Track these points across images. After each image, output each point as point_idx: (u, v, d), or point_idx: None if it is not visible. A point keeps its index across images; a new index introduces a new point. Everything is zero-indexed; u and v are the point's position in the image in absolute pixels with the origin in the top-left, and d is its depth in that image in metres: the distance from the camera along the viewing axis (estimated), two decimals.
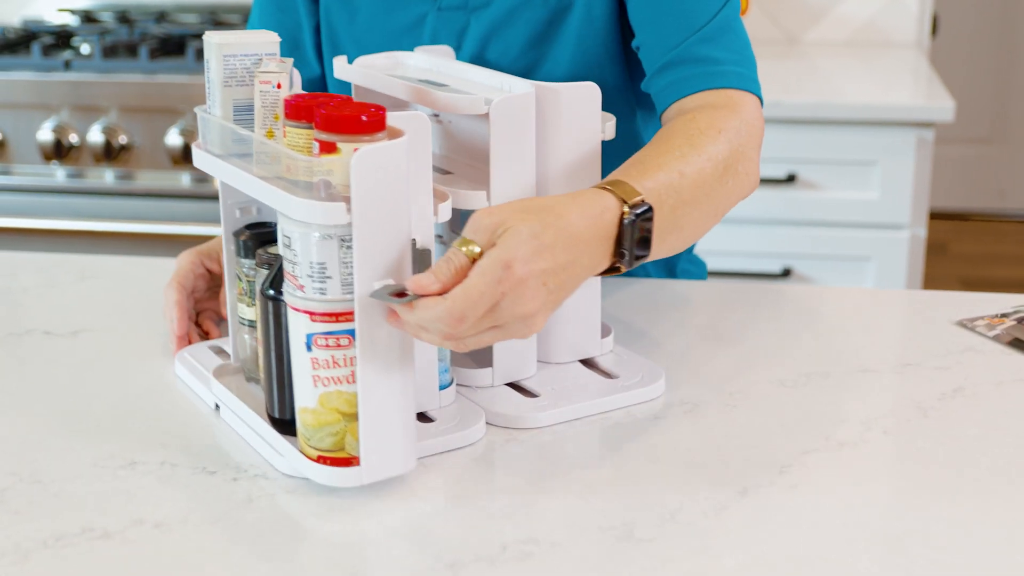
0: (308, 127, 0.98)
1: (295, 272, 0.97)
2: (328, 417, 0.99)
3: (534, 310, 0.96)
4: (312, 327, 0.97)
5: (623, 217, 1.04)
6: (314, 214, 0.94)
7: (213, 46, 1.09)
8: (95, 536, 0.95)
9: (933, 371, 1.23)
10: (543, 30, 1.35)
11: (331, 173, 0.95)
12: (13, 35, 2.73)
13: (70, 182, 2.51)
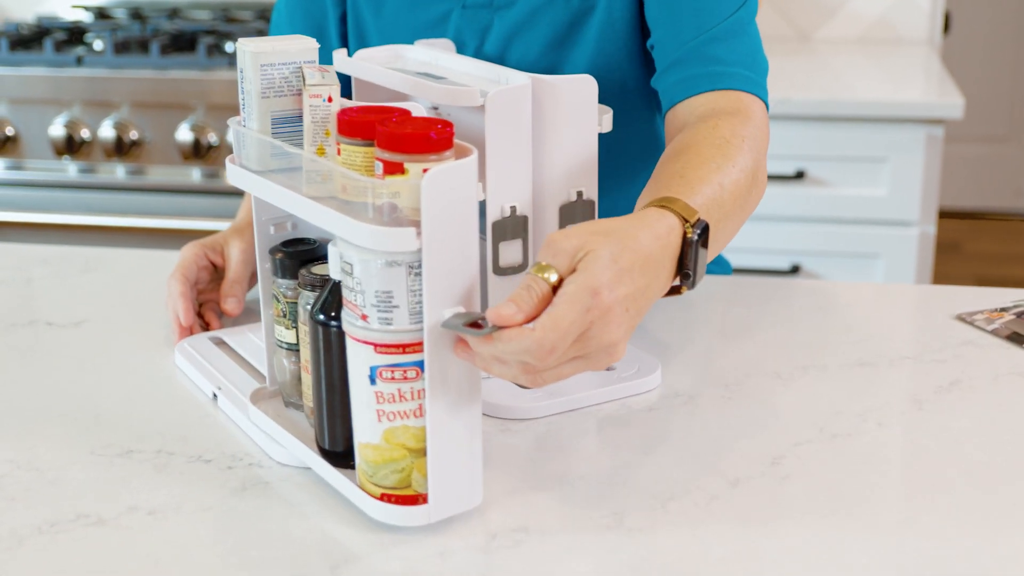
0: (365, 144, 0.92)
1: (357, 301, 0.90)
2: (393, 453, 0.93)
3: (619, 338, 0.92)
4: (376, 359, 0.91)
5: (686, 236, 1.01)
6: (382, 241, 0.87)
7: (248, 55, 1.01)
8: (89, 523, 0.96)
9: (930, 364, 1.23)
10: (565, 31, 1.37)
11: (397, 196, 0.88)
12: (27, 31, 2.74)
13: (82, 177, 2.52)
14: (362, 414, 0.93)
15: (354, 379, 0.93)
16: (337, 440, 1.00)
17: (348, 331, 0.92)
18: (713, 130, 1.17)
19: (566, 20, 1.36)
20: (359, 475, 0.96)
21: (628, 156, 1.44)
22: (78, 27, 2.81)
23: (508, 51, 1.38)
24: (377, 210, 0.88)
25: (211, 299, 1.33)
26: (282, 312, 1.07)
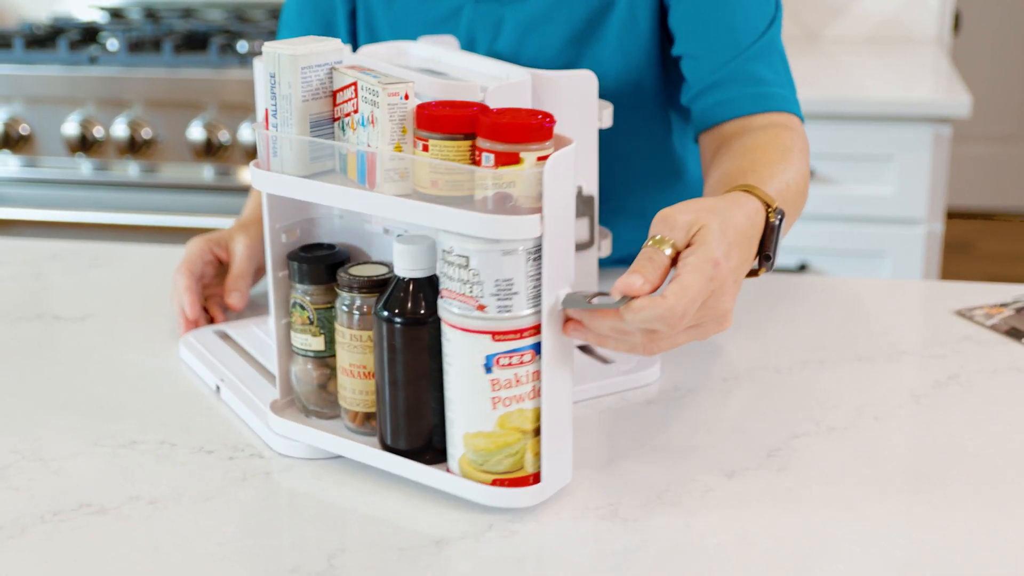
0: (463, 138, 0.93)
1: (473, 292, 0.91)
2: (508, 438, 0.95)
3: (730, 307, 0.97)
4: (494, 347, 0.92)
5: (769, 220, 1.06)
6: (507, 230, 0.89)
7: (286, 58, 0.98)
8: (91, 512, 0.98)
9: (928, 359, 1.24)
10: (583, 28, 1.36)
11: (513, 185, 0.90)
12: (41, 31, 2.77)
13: (95, 175, 2.54)
14: (473, 404, 0.95)
15: (462, 370, 0.94)
16: (416, 437, 1.00)
17: (459, 323, 0.93)
18: (775, 138, 1.22)
19: (584, 17, 1.35)
20: (463, 465, 0.97)
21: (640, 157, 1.44)
22: (92, 27, 2.83)
23: (522, 47, 1.38)
24: (493, 200, 0.91)
25: (216, 293, 1.34)
26: (308, 320, 1.05)
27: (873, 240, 2.48)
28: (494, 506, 0.97)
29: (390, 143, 0.97)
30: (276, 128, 1.01)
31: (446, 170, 0.93)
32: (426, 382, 0.98)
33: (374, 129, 0.97)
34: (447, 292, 0.94)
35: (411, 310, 0.97)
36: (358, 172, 1.00)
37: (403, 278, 0.97)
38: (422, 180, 0.94)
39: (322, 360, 1.07)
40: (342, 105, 1.02)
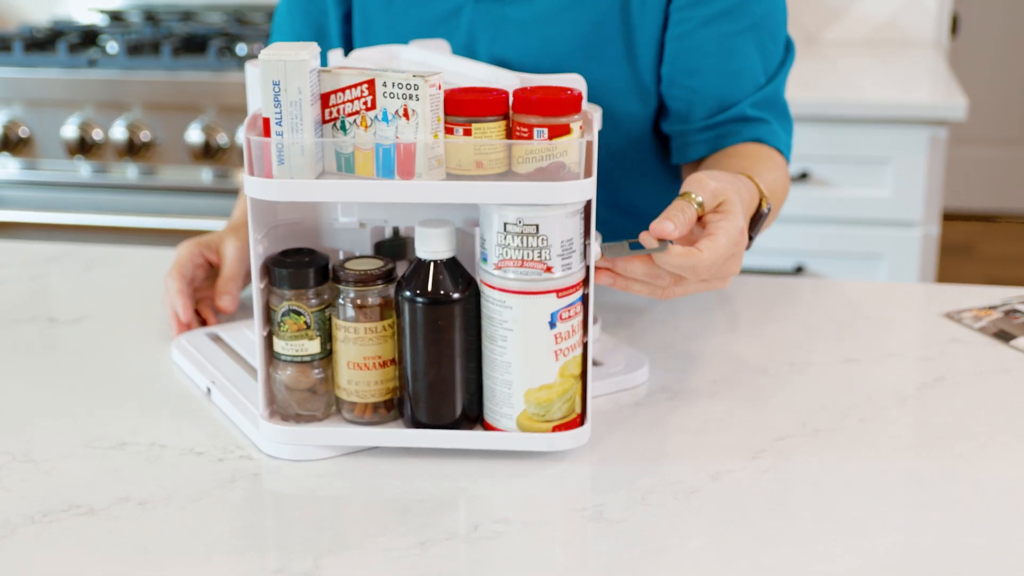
0: (499, 119, 1.01)
1: (542, 256, 1.01)
2: (565, 385, 1.05)
3: (734, 270, 1.12)
4: (557, 304, 1.03)
5: (761, 206, 1.20)
6: (579, 193, 0.99)
7: (293, 64, 0.99)
8: (80, 512, 0.98)
9: (916, 361, 1.24)
10: (589, 32, 1.35)
11: (566, 153, 1.00)
12: (41, 34, 2.78)
13: (94, 177, 2.55)
14: (537, 360, 1.03)
15: (525, 331, 1.03)
16: (455, 408, 1.06)
17: (523, 288, 1.02)
18: (762, 149, 1.35)
19: (592, 21, 1.35)
20: (522, 421, 1.05)
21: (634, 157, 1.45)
22: (92, 30, 2.84)
23: (524, 49, 1.37)
24: (549, 170, 1.00)
25: (207, 296, 1.35)
26: (305, 324, 1.06)
27: (869, 242, 2.49)
28: (558, 450, 1.06)
29: (430, 133, 1.00)
30: (281, 135, 1.01)
31: (491, 149, 1.01)
32: (464, 355, 1.05)
33: (408, 122, 1.01)
34: (508, 263, 1.01)
35: (452, 288, 1.03)
36: (381, 166, 1.02)
37: (434, 260, 1.04)
38: (464, 162, 1.01)
39: (316, 363, 1.08)
40: (342, 105, 1.03)
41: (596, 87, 1.37)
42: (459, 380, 1.06)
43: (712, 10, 1.33)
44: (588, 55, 1.36)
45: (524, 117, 1.01)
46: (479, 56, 1.39)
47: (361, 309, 1.06)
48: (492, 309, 1.04)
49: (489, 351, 1.05)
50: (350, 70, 1.02)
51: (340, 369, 1.08)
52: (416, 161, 1.01)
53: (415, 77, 1.00)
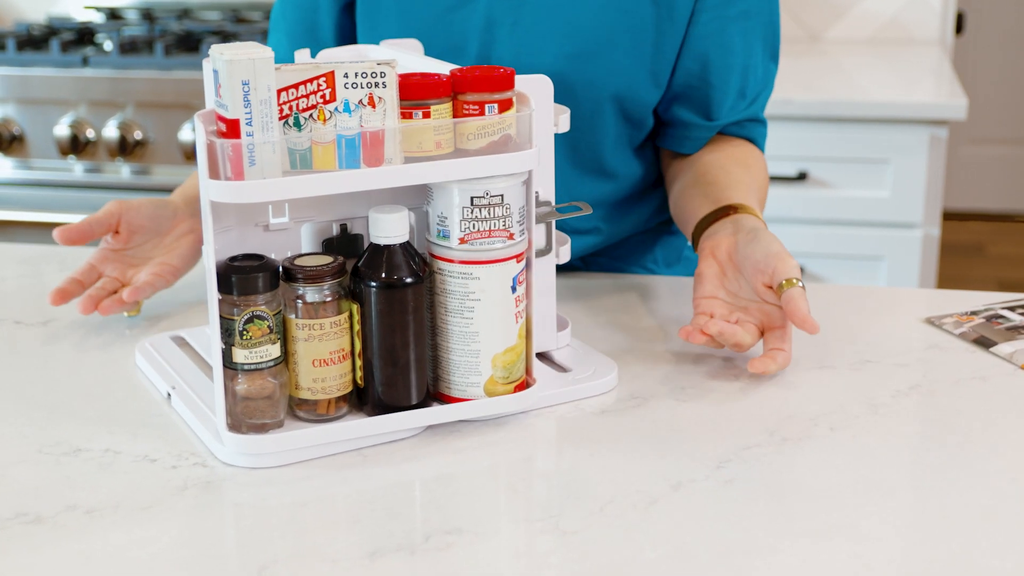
0: (450, 99, 1.05)
1: (505, 224, 1.06)
2: (522, 347, 1.11)
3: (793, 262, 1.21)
4: (516, 268, 1.08)
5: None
6: (532, 162, 1.06)
7: (261, 63, 0.98)
8: (27, 520, 0.97)
9: (892, 368, 1.22)
10: (616, 19, 1.34)
11: (511, 126, 1.06)
12: (37, 32, 2.77)
13: (87, 177, 2.54)
14: (502, 325, 1.08)
15: (493, 299, 1.07)
16: (424, 387, 1.09)
17: (491, 257, 1.06)
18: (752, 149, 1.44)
19: (620, 7, 1.34)
20: (489, 387, 1.09)
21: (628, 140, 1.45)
22: (87, 28, 2.83)
23: (548, 35, 1.35)
24: (499, 143, 1.05)
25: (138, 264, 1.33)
26: (269, 328, 1.04)
27: (870, 244, 2.46)
28: (523, 410, 1.12)
29: (398, 117, 1.03)
30: (251, 136, 0.99)
31: (447, 129, 1.04)
32: (426, 334, 1.08)
33: (374, 110, 1.02)
34: (476, 235, 1.06)
35: (412, 270, 1.06)
36: (344, 157, 1.02)
37: (388, 246, 1.05)
38: (425, 144, 1.04)
39: (278, 367, 1.06)
40: (295, 101, 1.01)
41: (616, 75, 1.35)
42: (423, 359, 1.09)
43: (738, 8, 1.37)
44: (613, 42, 1.34)
45: (471, 95, 1.05)
46: (498, 41, 1.36)
47: (320, 305, 1.05)
48: (455, 283, 1.07)
49: (454, 324, 1.08)
50: (299, 65, 1.01)
51: (303, 369, 1.06)
52: (386, 147, 1.02)
53: (380, 65, 1.01)
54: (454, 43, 1.37)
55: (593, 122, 1.39)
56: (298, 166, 1.02)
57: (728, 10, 1.36)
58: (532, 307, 1.12)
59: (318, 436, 1.06)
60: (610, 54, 1.34)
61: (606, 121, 1.39)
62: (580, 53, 1.34)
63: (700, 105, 1.41)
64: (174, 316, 1.36)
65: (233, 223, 1.10)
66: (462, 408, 1.09)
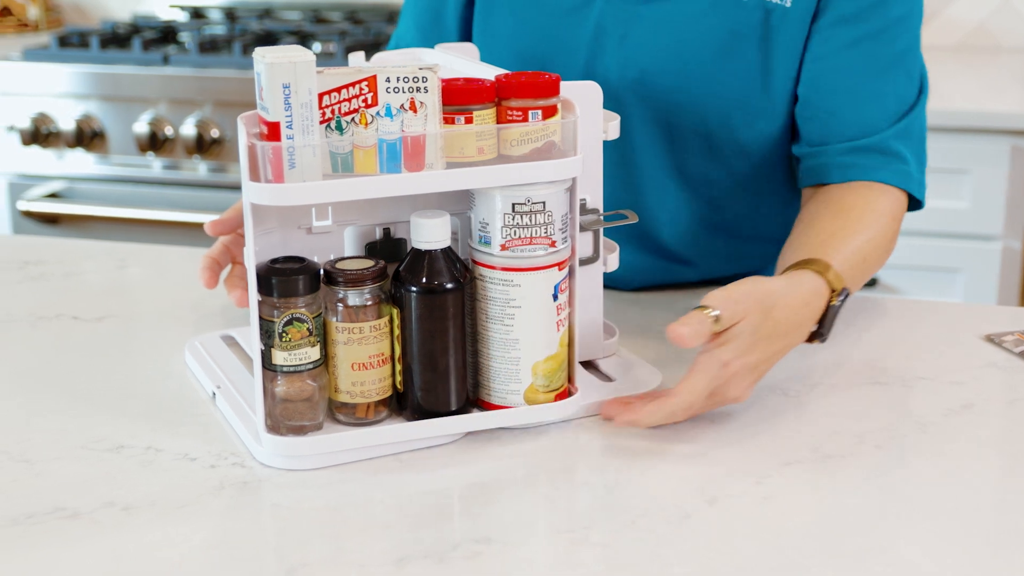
0: (493, 105, 1.05)
1: (548, 232, 1.06)
2: (563, 353, 1.10)
3: (740, 394, 1.10)
4: (558, 276, 1.08)
5: (831, 302, 1.16)
6: (576, 169, 1.05)
7: (302, 66, 0.98)
8: (64, 516, 0.98)
9: (945, 386, 1.19)
10: (725, 41, 1.32)
11: (555, 133, 1.06)
12: (121, 30, 2.81)
13: (165, 173, 2.58)
14: (543, 333, 1.08)
15: (534, 306, 1.07)
16: (465, 393, 1.09)
17: (531, 264, 1.06)
18: (875, 202, 1.29)
19: (730, 29, 1.31)
20: (529, 395, 1.09)
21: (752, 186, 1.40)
22: (170, 26, 2.87)
23: (655, 51, 1.33)
24: (543, 150, 1.05)
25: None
26: (308, 331, 1.05)
27: (947, 256, 2.41)
28: (564, 419, 1.11)
29: (440, 122, 1.02)
30: (292, 139, 0.99)
31: (490, 135, 1.04)
32: (466, 340, 1.08)
33: (416, 115, 1.02)
34: (518, 242, 1.05)
35: (453, 276, 1.05)
36: (385, 161, 1.02)
37: (429, 251, 1.05)
38: (468, 150, 1.04)
39: (318, 370, 1.06)
40: (337, 105, 1.02)
41: (722, 98, 1.32)
42: (462, 366, 1.08)
43: (858, 32, 1.30)
44: (720, 64, 1.32)
45: (515, 101, 1.05)
46: (605, 51, 1.35)
47: (360, 309, 1.05)
48: (496, 290, 1.07)
49: (494, 331, 1.08)
50: (342, 69, 1.01)
51: (342, 372, 1.06)
52: (427, 152, 1.02)
53: (422, 70, 1.01)
54: (563, 49, 1.37)
55: (700, 145, 1.36)
56: (339, 169, 1.02)
57: (845, 31, 1.30)
58: (575, 315, 1.11)
59: (355, 440, 1.06)
60: (717, 76, 1.32)
61: (716, 146, 1.36)
62: (685, 72, 1.32)
63: (813, 134, 1.34)
64: (227, 315, 1.37)
65: (276, 225, 1.11)
66: (501, 416, 1.08)
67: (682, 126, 1.35)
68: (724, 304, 1.07)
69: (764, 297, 1.10)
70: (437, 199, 1.11)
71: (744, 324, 1.07)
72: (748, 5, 1.31)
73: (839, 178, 1.31)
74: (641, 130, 1.36)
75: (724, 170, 1.38)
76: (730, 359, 1.07)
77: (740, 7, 1.31)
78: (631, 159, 1.37)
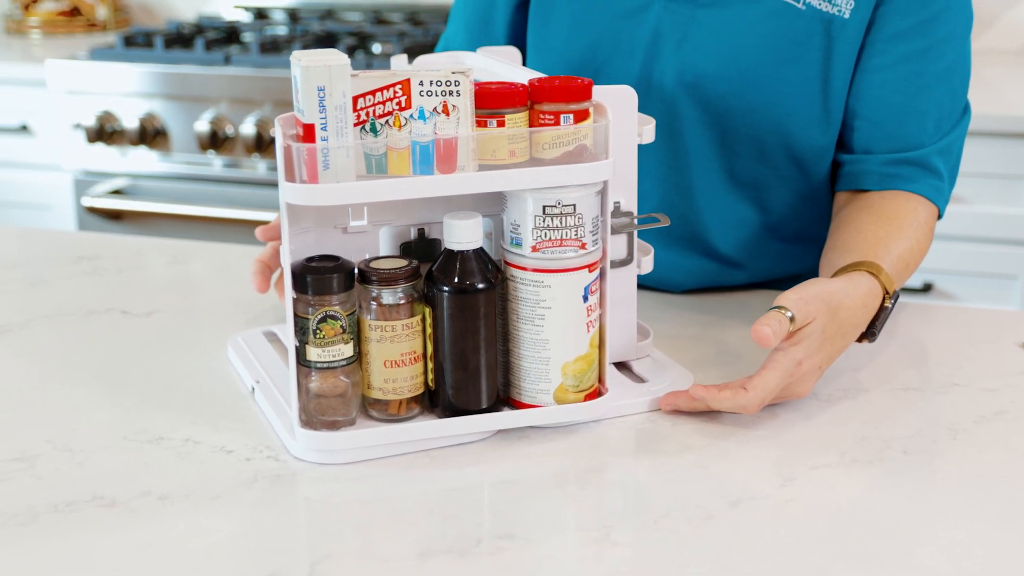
0: (526, 109, 1.06)
1: (577, 234, 1.07)
2: (594, 354, 1.11)
3: (806, 391, 1.14)
4: (588, 278, 1.09)
5: (884, 303, 1.19)
6: (608, 172, 1.06)
7: (336, 69, 1.00)
8: (102, 504, 1.01)
9: (979, 393, 1.18)
10: (784, 49, 1.32)
11: (587, 137, 1.07)
12: (186, 30, 2.86)
13: (225, 171, 2.62)
14: (573, 334, 1.09)
15: (563, 307, 1.08)
16: (495, 391, 1.11)
17: (561, 266, 1.07)
18: (914, 213, 1.32)
19: (789, 37, 1.31)
20: (559, 395, 1.10)
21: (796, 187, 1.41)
22: (234, 27, 2.92)
23: (712, 57, 1.34)
24: (574, 153, 1.06)
25: None
26: (341, 328, 1.07)
27: (1004, 262, 2.38)
28: (593, 419, 1.12)
29: (472, 125, 1.04)
30: (326, 140, 1.02)
31: (521, 138, 1.06)
32: (497, 340, 1.10)
33: (448, 118, 1.04)
34: (548, 243, 1.07)
35: (484, 276, 1.07)
36: (420, 163, 1.04)
37: (461, 251, 1.07)
38: (499, 152, 1.05)
39: (351, 367, 1.08)
40: (372, 108, 1.04)
41: (778, 106, 1.33)
42: (493, 365, 1.10)
43: (907, 48, 1.31)
44: (777, 73, 1.33)
45: (547, 105, 1.06)
46: (662, 55, 1.36)
47: (393, 307, 1.07)
48: (527, 291, 1.08)
49: (525, 332, 1.09)
50: (376, 72, 1.03)
51: (375, 369, 1.08)
52: (459, 154, 1.04)
53: (455, 74, 1.03)
54: (621, 52, 1.38)
55: (753, 150, 1.37)
56: (373, 170, 1.04)
57: (898, 46, 1.31)
58: (607, 317, 1.12)
59: (386, 436, 1.08)
60: (773, 84, 1.33)
61: (768, 153, 1.37)
62: (742, 78, 1.33)
63: (858, 143, 1.35)
64: (277, 313, 1.39)
65: (312, 224, 1.13)
66: (530, 414, 1.10)
67: (736, 131, 1.35)
68: (797, 305, 1.10)
69: (830, 298, 1.13)
70: (470, 201, 1.13)
71: (815, 324, 1.11)
72: (807, 15, 1.31)
73: (878, 186, 1.33)
74: (695, 134, 1.36)
75: (775, 175, 1.38)
76: (803, 358, 1.11)
77: (799, 16, 1.31)
78: (684, 163, 1.38)
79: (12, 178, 2.81)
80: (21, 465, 1.07)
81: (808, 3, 1.31)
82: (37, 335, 1.34)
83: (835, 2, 1.30)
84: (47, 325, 1.37)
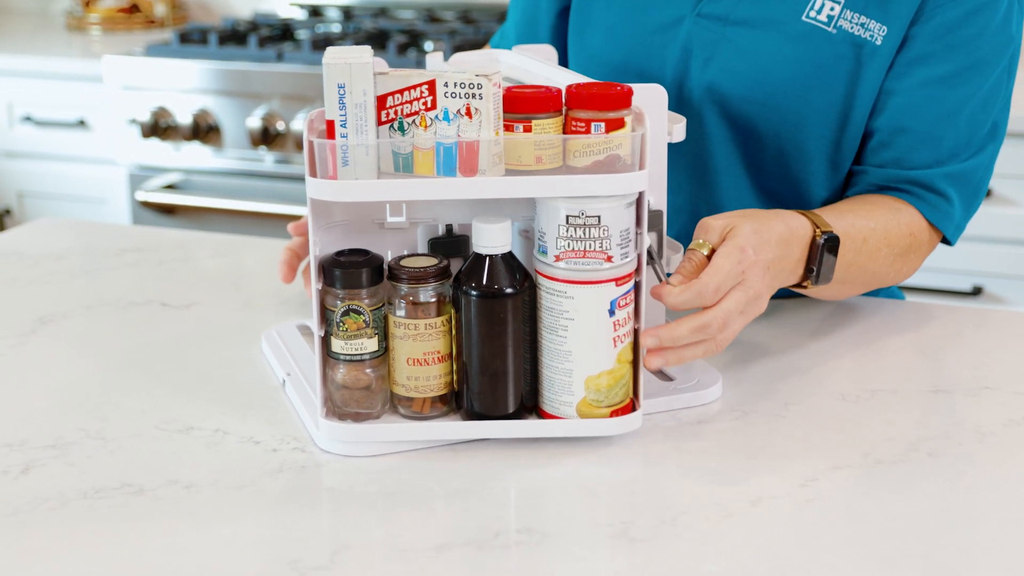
0: (557, 115, 1.05)
1: (603, 247, 1.05)
2: (623, 371, 1.09)
3: (763, 291, 1.12)
4: (616, 292, 1.07)
5: (815, 237, 1.19)
6: (639, 184, 1.04)
7: (357, 67, 1.02)
8: (130, 492, 1.03)
9: (1009, 396, 1.18)
10: (810, 74, 1.31)
11: (621, 146, 1.05)
12: (241, 28, 2.89)
13: (276, 167, 2.65)
14: (596, 348, 1.07)
15: (587, 320, 1.06)
16: (509, 401, 1.09)
17: (584, 278, 1.05)
18: (897, 211, 1.29)
19: (817, 62, 1.30)
20: (582, 408, 1.08)
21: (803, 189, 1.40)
22: (288, 24, 2.94)
23: (738, 76, 1.33)
24: (606, 163, 1.05)
25: None
26: (365, 323, 1.08)
27: None
28: (615, 434, 1.09)
29: (494, 129, 1.03)
30: (346, 137, 1.04)
31: (549, 144, 1.05)
32: (522, 346, 1.09)
33: (471, 121, 1.03)
34: (571, 254, 1.05)
35: (509, 282, 1.07)
36: (442, 164, 1.05)
37: (491, 255, 1.07)
38: (525, 158, 1.04)
39: (372, 362, 1.10)
40: (400, 106, 1.05)
41: (800, 130, 1.32)
42: (517, 371, 1.09)
43: (932, 73, 1.29)
44: (802, 98, 1.31)
45: (581, 112, 1.05)
46: (691, 72, 1.35)
47: (419, 306, 1.08)
48: (552, 300, 1.07)
49: (548, 341, 1.08)
50: (403, 72, 1.04)
51: (399, 366, 1.09)
52: (480, 158, 1.04)
53: (478, 76, 1.03)
54: (652, 65, 1.38)
55: (777, 168, 1.36)
56: (400, 169, 1.05)
57: (924, 70, 1.29)
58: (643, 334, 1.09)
59: (404, 432, 1.08)
60: (800, 109, 1.32)
61: (791, 171, 1.36)
62: (768, 101, 1.32)
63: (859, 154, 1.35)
64: (309, 305, 1.40)
65: (350, 218, 1.14)
66: (549, 426, 1.09)
67: (762, 150, 1.35)
68: (709, 231, 1.12)
69: (748, 212, 1.16)
70: (498, 205, 1.12)
71: (743, 225, 1.12)
72: (837, 39, 1.29)
73: (876, 191, 1.33)
74: (722, 150, 1.36)
75: (798, 191, 1.37)
76: (745, 246, 1.11)
77: (829, 41, 1.30)
78: (713, 179, 1.37)
79: (69, 172, 2.86)
80: (54, 452, 1.09)
81: (840, 27, 1.29)
82: (76, 325, 1.37)
83: (868, 27, 1.29)
84: (87, 316, 1.39)
